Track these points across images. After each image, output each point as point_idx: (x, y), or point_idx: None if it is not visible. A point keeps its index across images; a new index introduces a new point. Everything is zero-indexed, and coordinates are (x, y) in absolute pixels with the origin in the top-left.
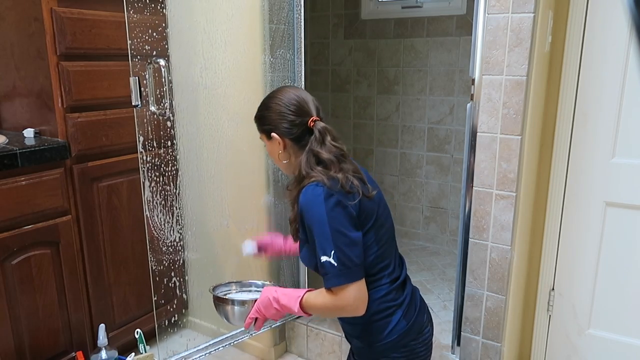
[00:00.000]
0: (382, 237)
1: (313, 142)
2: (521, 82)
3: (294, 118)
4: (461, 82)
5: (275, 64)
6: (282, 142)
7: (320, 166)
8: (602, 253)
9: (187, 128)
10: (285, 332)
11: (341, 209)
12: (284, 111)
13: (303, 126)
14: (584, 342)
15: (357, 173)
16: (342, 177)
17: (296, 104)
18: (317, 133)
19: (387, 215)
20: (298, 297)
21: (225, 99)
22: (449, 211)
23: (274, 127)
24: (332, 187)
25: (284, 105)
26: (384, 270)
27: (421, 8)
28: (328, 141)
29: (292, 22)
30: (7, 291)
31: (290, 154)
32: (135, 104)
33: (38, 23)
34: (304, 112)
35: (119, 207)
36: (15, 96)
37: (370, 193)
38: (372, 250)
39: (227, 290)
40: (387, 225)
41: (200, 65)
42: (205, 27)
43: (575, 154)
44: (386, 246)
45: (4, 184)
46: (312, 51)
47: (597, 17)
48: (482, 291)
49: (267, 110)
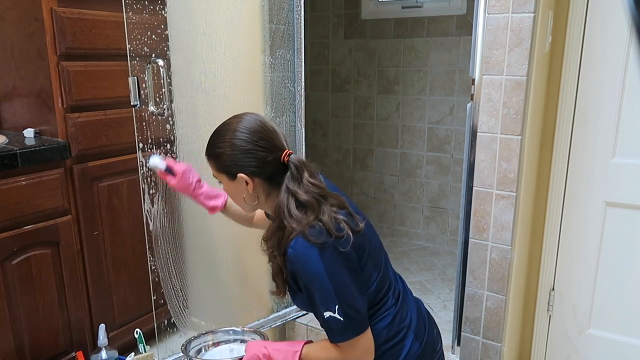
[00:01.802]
0: (378, 259)
1: (289, 181)
2: (521, 82)
3: (264, 154)
4: (461, 82)
5: (276, 65)
6: (251, 183)
7: (299, 210)
8: (602, 253)
9: (186, 130)
10: (285, 332)
11: (339, 259)
12: (250, 148)
13: (275, 162)
14: (584, 342)
15: (343, 207)
16: (327, 219)
17: (264, 137)
18: (293, 169)
19: (375, 234)
20: (295, 352)
21: (225, 100)
22: (449, 211)
23: (239, 167)
24: (321, 236)
25: (249, 140)
26: (387, 292)
27: (421, 8)
28: (305, 178)
29: (292, 22)
30: (7, 291)
31: (259, 194)
32: (134, 103)
33: (38, 23)
34: (275, 146)
35: (119, 207)
36: (15, 96)
37: (359, 227)
38: (373, 277)
39: (203, 343)
40: (377, 244)
41: (200, 67)
42: (205, 30)
43: (576, 154)
44: (383, 267)
45: (4, 184)
46: (312, 51)
47: (597, 17)
48: (482, 291)
49: (228, 147)
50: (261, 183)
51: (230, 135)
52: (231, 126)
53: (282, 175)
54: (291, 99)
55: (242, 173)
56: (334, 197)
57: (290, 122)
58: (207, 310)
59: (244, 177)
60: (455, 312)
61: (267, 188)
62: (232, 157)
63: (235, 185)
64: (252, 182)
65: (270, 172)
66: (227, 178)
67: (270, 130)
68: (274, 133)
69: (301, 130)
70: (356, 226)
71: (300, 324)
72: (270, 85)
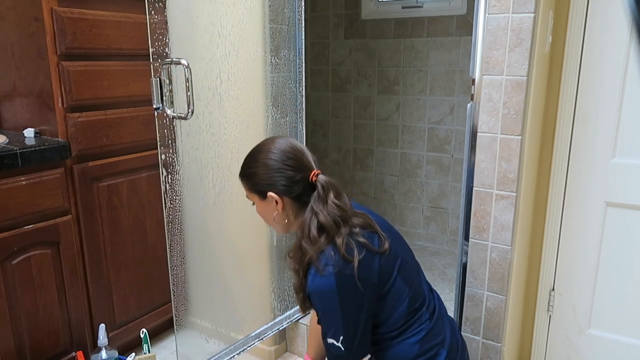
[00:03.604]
0: (410, 275)
1: (315, 200)
2: (521, 82)
3: (293, 174)
4: (461, 82)
5: (280, 65)
6: (281, 202)
7: (319, 232)
8: (602, 253)
9: (203, 135)
10: (285, 332)
11: (355, 289)
12: (280, 167)
13: (304, 182)
14: (584, 342)
15: (367, 226)
16: (340, 242)
17: (293, 157)
18: (320, 189)
19: (407, 250)
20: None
21: (236, 102)
22: (449, 211)
23: (269, 186)
24: (329, 263)
25: (279, 159)
26: (421, 307)
27: (421, 8)
28: (331, 199)
29: (294, 23)
30: (7, 291)
31: (288, 214)
32: (156, 106)
33: (38, 23)
34: (303, 166)
35: (119, 207)
36: (15, 96)
37: (383, 247)
38: (405, 293)
39: None
40: (410, 259)
41: (215, 69)
42: (220, 31)
43: (576, 154)
44: (416, 283)
45: (4, 184)
46: (313, 51)
47: (598, 18)
48: (482, 291)
49: (260, 167)
50: (290, 202)
51: (263, 156)
52: (264, 148)
53: (310, 195)
54: (293, 99)
55: (272, 192)
56: (359, 217)
57: (292, 122)
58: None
59: (274, 197)
60: (455, 312)
61: (296, 208)
62: (264, 177)
63: (266, 205)
64: (281, 201)
65: (298, 191)
66: (259, 198)
67: (299, 151)
68: (303, 153)
69: (302, 131)
70: (379, 246)
71: (302, 324)
72: (276, 86)
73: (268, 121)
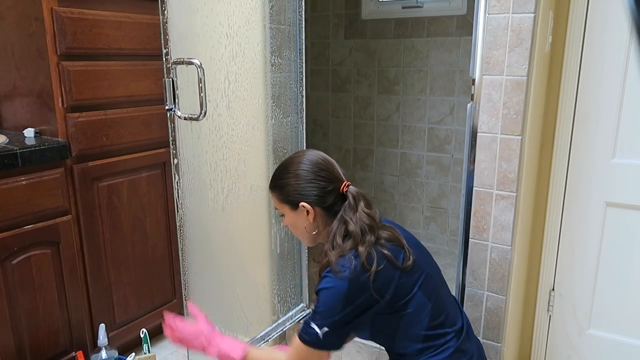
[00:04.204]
0: (434, 290)
1: (346, 209)
2: (521, 83)
3: (325, 184)
4: (461, 82)
5: (282, 65)
6: (313, 212)
7: (344, 239)
8: (602, 253)
9: (212, 137)
10: (285, 333)
11: (363, 299)
12: (312, 177)
13: (335, 192)
14: (584, 342)
15: (394, 240)
16: (362, 250)
17: (325, 168)
18: (350, 199)
19: (431, 262)
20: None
21: (243, 103)
22: (449, 211)
23: (302, 196)
24: (346, 268)
25: (311, 171)
26: (445, 323)
27: (421, 8)
28: (361, 208)
29: (296, 23)
30: (7, 291)
31: (319, 223)
32: (168, 107)
33: (38, 23)
34: (334, 177)
35: (119, 207)
36: (15, 96)
37: (407, 262)
38: (426, 308)
39: None
40: (434, 273)
41: (224, 70)
42: (228, 32)
43: (576, 154)
44: (439, 299)
45: (4, 184)
46: (313, 51)
47: (598, 18)
48: (482, 291)
49: (292, 178)
50: (321, 213)
51: (295, 167)
52: (294, 160)
53: (341, 205)
54: (294, 99)
55: (304, 202)
56: (387, 230)
57: (294, 122)
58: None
59: (305, 207)
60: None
61: (326, 218)
62: (296, 187)
63: (297, 215)
64: (313, 211)
65: (330, 202)
66: (290, 208)
67: (329, 163)
68: (333, 165)
69: (302, 131)
70: (404, 261)
71: None
72: (278, 86)
73: (272, 122)
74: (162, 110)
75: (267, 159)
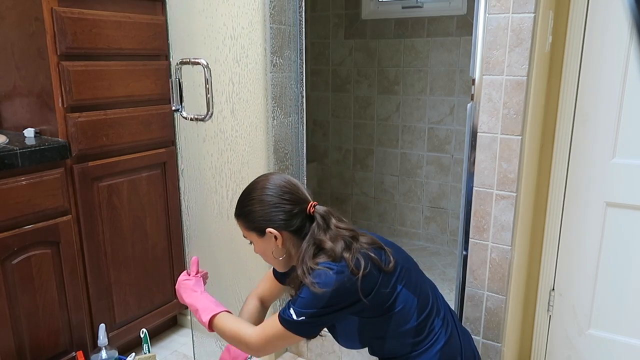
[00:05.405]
0: (415, 282)
1: (315, 230)
2: (521, 83)
3: (291, 207)
4: (461, 82)
5: (283, 66)
6: (280, 237)
7: (322, 255)
8: (602, 253)
9: (216, 140)
10: None
11: (345, 299)
12: (277, 202)
13: (302, 214)
14: (584, 342)
15: (374, 243)
16: (348, 256)
17: (289, 191)
18: (319, 219)
19: (406, 257)
20: (214, 310)
21: (246, 104)
22: (449, 211)
23: (268, 222)
24: (344, 273)
25: (276, 194)
26: (431, 317)
27: (421, 8)
28: (333, 225)
29: (296, 23)
30: (7, 291)
31: (289, 248)
32: (175, 108)
33: (38, 23)
34: (300, 198)
35: (119, 207)
36: (15, 96)
37: (389, 265)
38: (413, 303)
39: None
40: (411, 266)
41: (228, 71)
42: (232, 33)
43: (576, 154)
44: (421, 290)
45: (4, 184)
46: (313, 51)
47: (598, 17)
48: (482, 291)
49: (256, 204)
50: (289, 237)
51: (259, 193)
52: (258, 185)
53: (309, 227)
54: (295, 99)
55: (270, 228)
56: (365, 237)
57: (294, 123)
58: None
59: (272, 232)
60: (455, 312)
61: (295, 241)
62: (261, 214)
63: (265, 242)
64: (280, 236)
65: (297, 225)
66: (257, 235)
67: (294, 185)
68: (297, 187)
69: (302, 131)
70: (386, 263)
71: None
72: (280, 86)
73: (273, 122)
74: (162, 110)
75: (268, 160)
